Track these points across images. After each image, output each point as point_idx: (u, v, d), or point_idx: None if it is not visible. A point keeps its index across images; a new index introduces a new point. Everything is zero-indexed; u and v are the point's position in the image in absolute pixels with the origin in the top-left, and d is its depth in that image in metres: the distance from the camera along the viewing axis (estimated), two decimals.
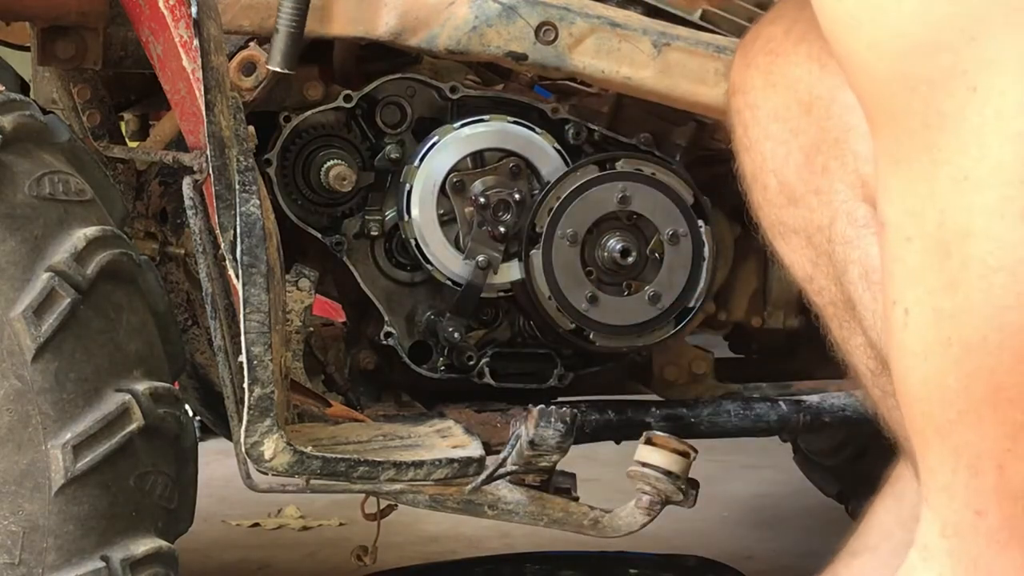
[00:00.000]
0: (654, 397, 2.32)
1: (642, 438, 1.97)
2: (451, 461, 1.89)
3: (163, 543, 1.77)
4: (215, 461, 2.97)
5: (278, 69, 1.97)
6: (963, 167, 1.03)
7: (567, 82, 2.25)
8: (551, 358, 2.24)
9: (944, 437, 1.07)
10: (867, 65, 1.08)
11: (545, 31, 2.08)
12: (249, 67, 2.05)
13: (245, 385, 1.79)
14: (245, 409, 1.80)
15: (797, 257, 1.52)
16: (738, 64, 1.55)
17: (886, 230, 1.09)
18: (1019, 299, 1.01)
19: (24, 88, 2.34)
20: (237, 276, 1.79)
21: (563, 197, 2.15)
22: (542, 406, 1.90)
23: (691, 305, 2.20)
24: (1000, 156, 1.01)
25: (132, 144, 2.35)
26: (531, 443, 1.89)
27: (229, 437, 1.94)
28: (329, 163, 2.14)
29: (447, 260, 2.15)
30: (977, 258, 1.02)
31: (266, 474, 1.85)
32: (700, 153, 2.27)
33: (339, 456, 1.85)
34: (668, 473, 1.93)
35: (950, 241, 1.04)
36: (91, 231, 1.74)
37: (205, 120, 1.78)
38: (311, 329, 2.14)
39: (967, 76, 1.02)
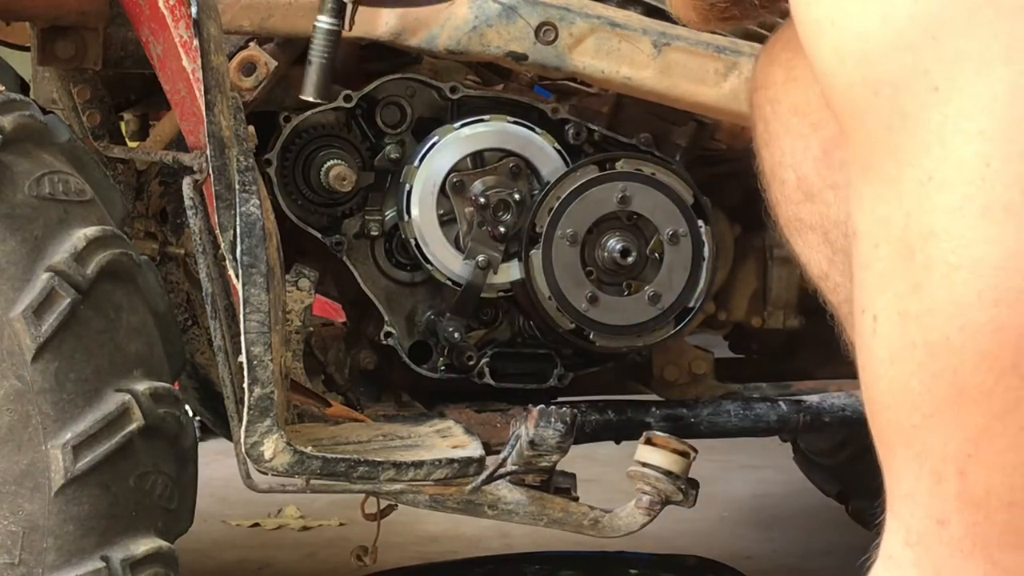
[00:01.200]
0: (654, 397, 2.32)
1: (642, 438, 1.96)
2: (451, 461, 1.89)
3: (163, 543, 1.77)
4: (215, 461, 2.97)
5: (312, 99, 2.00)
6: (927, 168, 1.02)
7: (567, 82, 2.25)
8: (551, 358, 2.24)
9: (908, 443, 1.06)
10: (833, 70, 1.07)
11: (545, 31, 2.08)
12: (249, 67, 2.05)
13: (245, 385, 1.79)
14: (245, 409, 1.80)
15: (813, 254, 1.52)
16: (761, 61, 1.55)
17: (856, 238, 1.09)
18: (980, 297, 1.00)
19: (24, 88, 2.34)
20: (237, 276, 1.79)
21: (563, 197, 2.15)
22: (542, 406, 1.90)
23: (691, 305, 2.20)
24: (962, 154, 1.01)
25: (132, 144, 2.34)
26: (531, 443, 1.89)
27: (229, 437, 1.94)
28: (329, 163, 2.14)
29: (447, 260, 2.15)
30: (939, 258, 1.02)
31: (266, 474, 1.85)
32: (700, 153, 2.27)
33: (339, 456, 1.85)
34: (668, 473, 1.93)
35: (915, 243, 1.03)
36: (91, 231, 1.74)
37: (205, 120, 1.78)
38: (311, 329, 2.14)
39: (928, 76, 1.02)
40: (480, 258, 2.14)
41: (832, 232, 1.48)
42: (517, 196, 2.15)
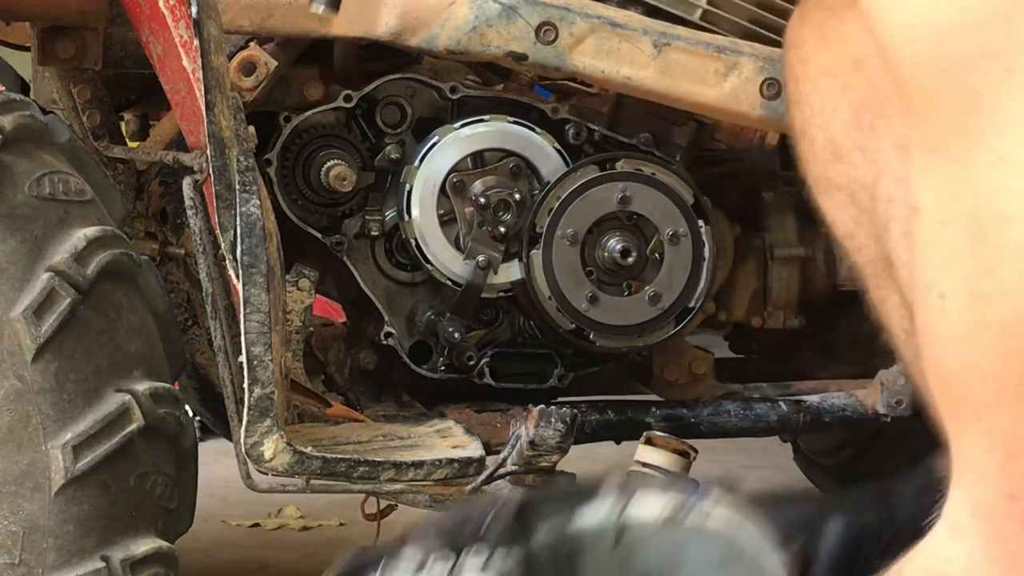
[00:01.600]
0: (654, 397, 2.32)
1: (642, 438, 1.96)
2: (451, 461, 1.89)
3: (163, 543, 1.77)
4: (215, 461, 2.97)
5: (321, 13, 1.95)
6: (1000, 150, 1.02)
7: (567, 82, 2.25)
8: (551, 358, 2.24)
9: (980, 418, 1.07)
10: (900, 47, 1.07)
11: (545, 31, 2.08)
12: (249, 67, 2.05)
13: (245, 385, 1.79)
14: (245, 409, 1.80)
15: (839, 214, 1.53)
16: (794, 21, 1.56)
17: (920, 216, 1.09)
18: None
19: (24, 88, 2.34)
20: (237, 276, 1.79)
21: (563, 197, 2.15)
22: (542, 406, 1.90)
23: (691, 305, 2.19)
24: None
25: (132, 144, 2.35)
26: (531, 443, 1.89)
27: (229, 437, 1.94)
28: (329, 163, 2.14)
29: (447, 260, 2.15)
30: (1013, 241, 1.02)
31: (266, 474, 1.85)
32: (700, 153, 2.27)
33: (339, 456, 1.85)
34: (668, 473, 1.93)
35: (986, 224, 1.03)
36: (91, 231, 1.74)
37: (205, 120, 1.78)
38: (311, 329, 2.14)
39: (1002, 57, 1.02)
40: (480, 258, 2.14)
41: (859, 194, 1.49)
42: (517, 196, 2.15)
